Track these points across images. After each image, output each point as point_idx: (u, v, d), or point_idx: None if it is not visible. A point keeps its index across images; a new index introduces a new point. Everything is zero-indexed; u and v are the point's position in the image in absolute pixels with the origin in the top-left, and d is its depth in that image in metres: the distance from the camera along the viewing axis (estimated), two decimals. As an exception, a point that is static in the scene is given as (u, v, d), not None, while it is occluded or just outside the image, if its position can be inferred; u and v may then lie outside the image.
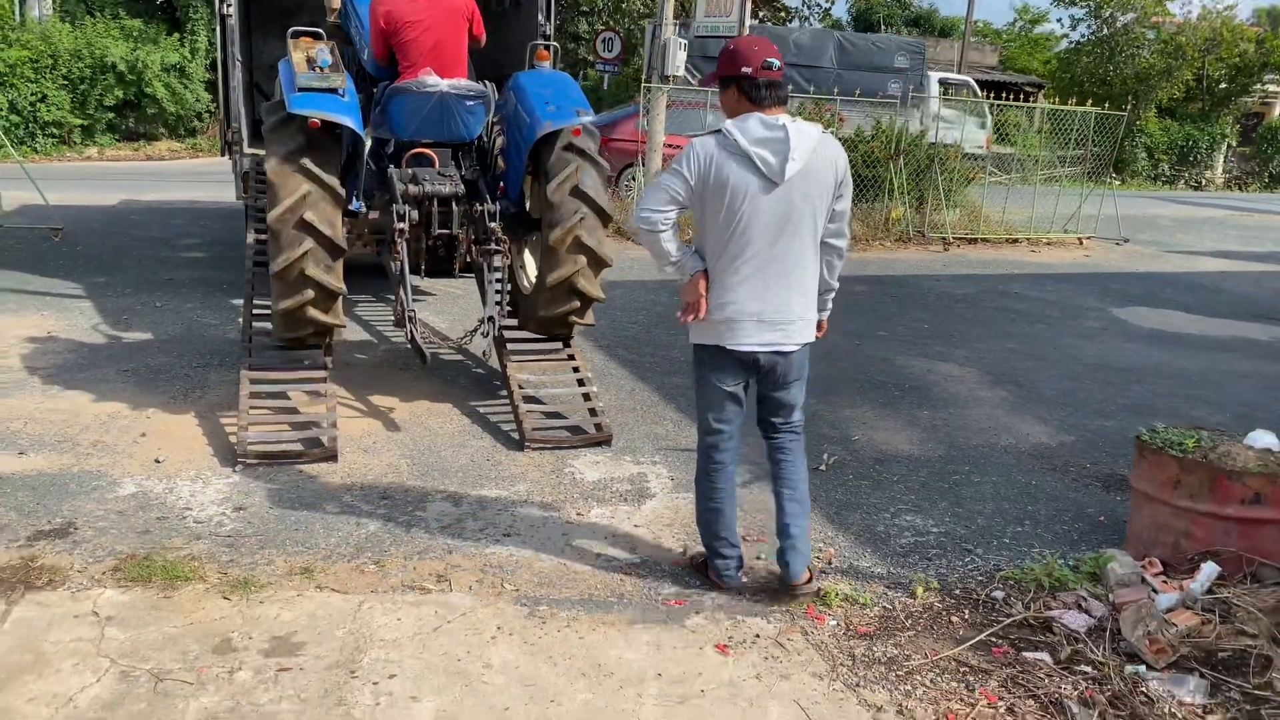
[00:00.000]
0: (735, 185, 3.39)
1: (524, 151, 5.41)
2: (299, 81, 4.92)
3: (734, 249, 3.46)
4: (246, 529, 4.11)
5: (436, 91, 5.30)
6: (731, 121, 3.46)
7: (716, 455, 3.74)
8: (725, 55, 3.52)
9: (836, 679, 3.25)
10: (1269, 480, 3.73)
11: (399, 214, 5.24)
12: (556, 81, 5.62)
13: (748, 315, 3.51)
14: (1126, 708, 3.08)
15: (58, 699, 2.94)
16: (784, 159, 3.38)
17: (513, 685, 3.13)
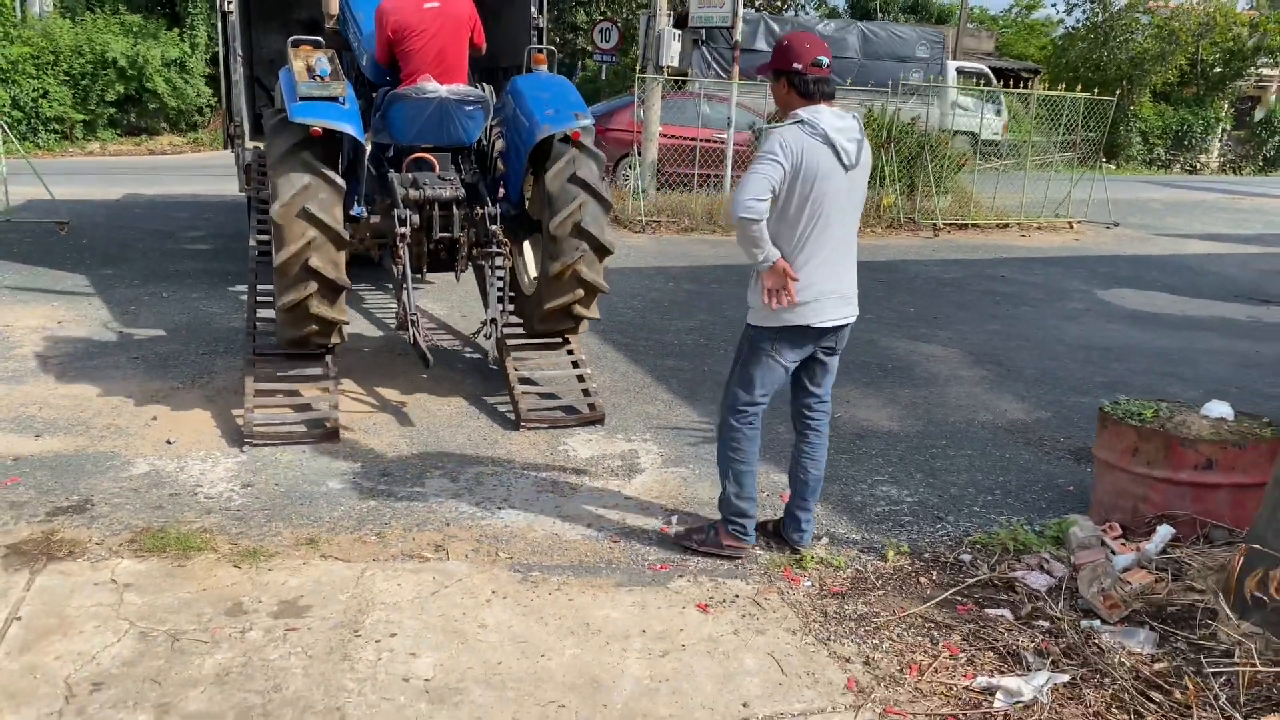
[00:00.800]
0: (821, 171, 3.60)
1: (523, 155, 5.49)
2: (300, 90, 4.99)
3: (814, 231, 3.67)
4: (254, 504, 4.33)
5: (436, 97, 5.35)
6: (804, 112, 3.63)
7: (756, 422, 3.93)
8: (779, 49, 3.73)
9: (809, 634, 3.47)
10: (1220, 447, 3.95)
11: (400, 218, 5.28)
12: (554, 85, 5.70)
13: (828, 293, 3.76)
14: (1079, 657, 3.30)
15: (82, 656, 3.17)
16: (858, 146, 3.69)
17: (506, 642, 3.36)
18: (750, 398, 3.88)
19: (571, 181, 5.35)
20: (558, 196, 5.34)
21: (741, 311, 4.01)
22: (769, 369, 3.84)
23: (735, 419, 3.92)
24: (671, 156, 13.68)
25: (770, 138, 3.62)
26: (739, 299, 3.96)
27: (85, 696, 2.97)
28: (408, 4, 5.35)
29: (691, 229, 12.40)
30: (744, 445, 3.92)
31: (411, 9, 5.34)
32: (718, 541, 4.00)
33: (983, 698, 3.11)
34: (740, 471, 3.95)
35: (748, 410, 3.90)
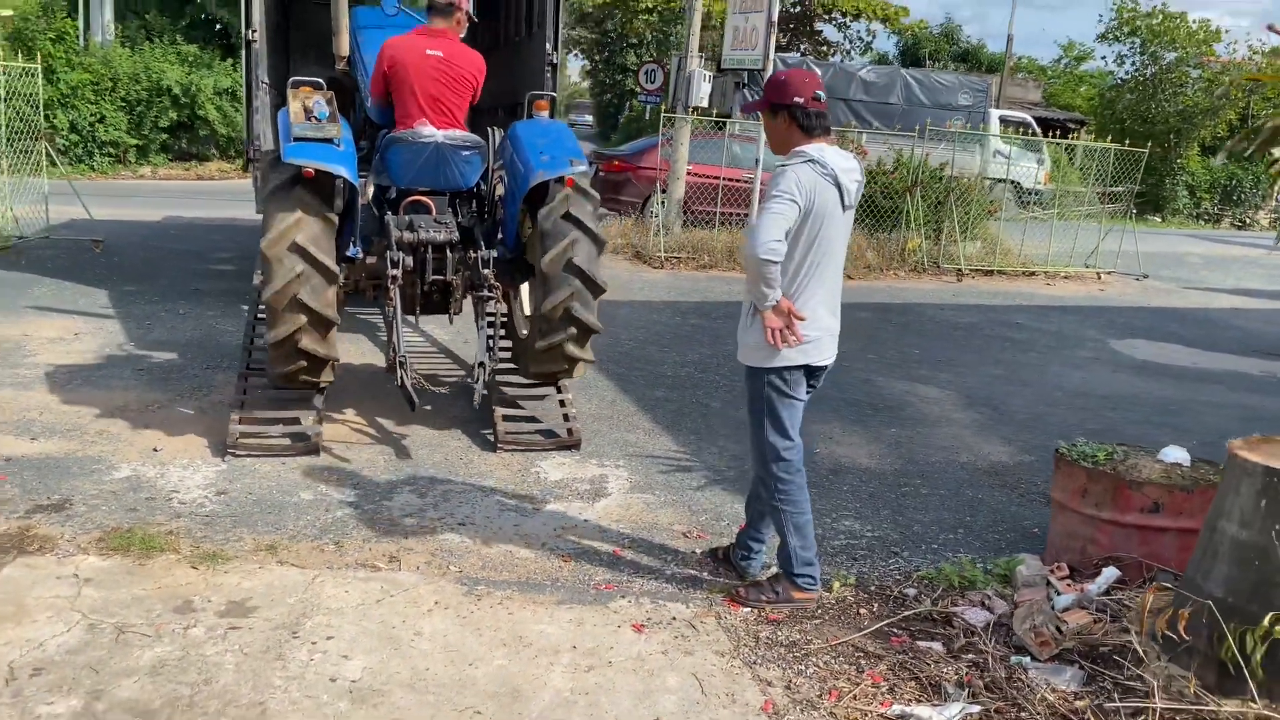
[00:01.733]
0: (827, 210, 3.63)
1: (518, 199, 5.50)
2: (294, 131, 5.00)
3: (817, 270, 3.69)
4: (224, 510, 4.48)
5: (432, 142, 5.37)
6: (812, 150, 3.64)
7: (799, 465, 3.83)
8: (776, 85, 3.73)
9: (737, 657, 3.51)
10: (1167, 491, 3.94)
11: (393, 260, 5.27)
12: (552, 131, 5.71)
13: (826, 330, 3.77)
14: (1000, 691, 3.31)
15: (30, 643, 3.31)
16: (859, 186, 3.75)
17: (437, 650, 3.44)
18: (788, 442, 3.80)
19: (565, 219, 5.34)
20: (550, 234, 5.33)
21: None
22: (790, 407, 3.80)
23: (780, 469, 3.81)
24: (700, 195, 13.84)
25: (785, 176, 3.59)
26: None
27: (24, 680, 3.11)
28: (410, 45, 5.41)
29: (711, 266, 12.52)
30: (796, 494, 3.83)
31: (413, 52, 5.38)
32: (788, 597, 3.87)
33: (894, 725, 3.13)
34: (800, 524, 3.84)
35: (789, 457, 3.80)
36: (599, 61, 46.05)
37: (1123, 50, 28.09)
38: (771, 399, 3.78)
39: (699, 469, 5.44)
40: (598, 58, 46.11)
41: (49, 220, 11.02)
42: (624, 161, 15.96)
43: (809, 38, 31.06)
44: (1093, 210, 15.51)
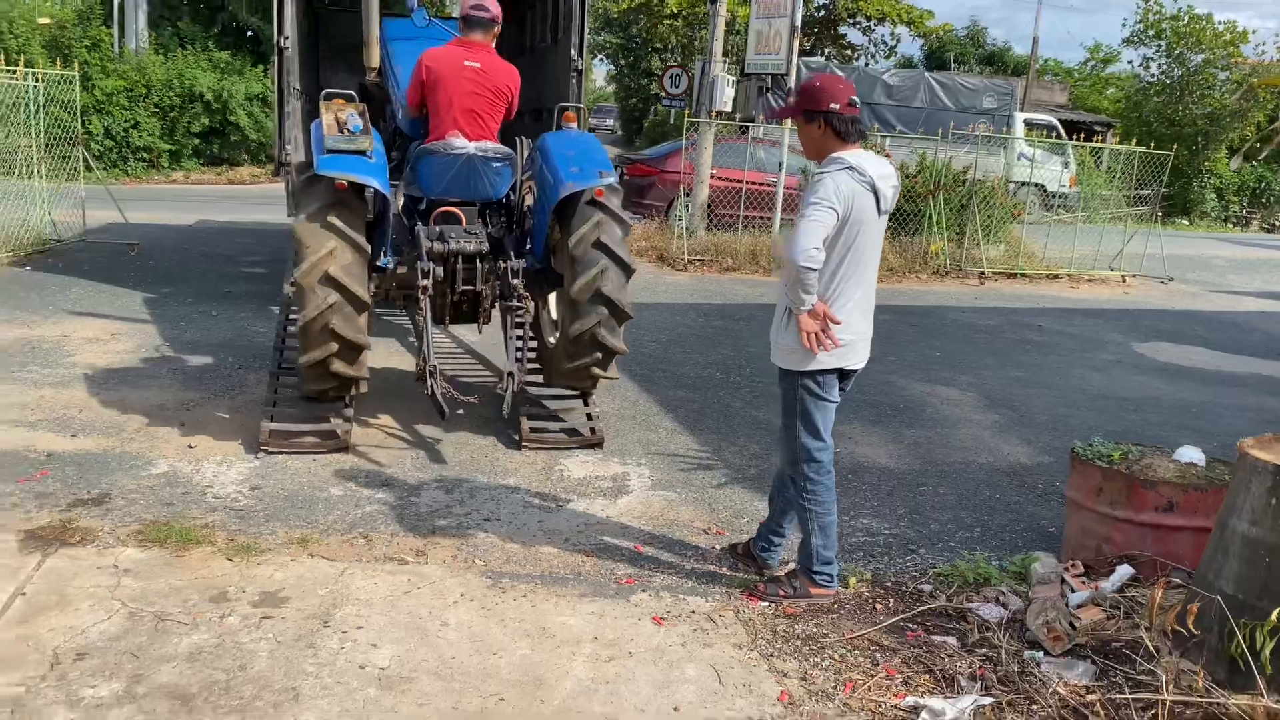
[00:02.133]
0: (863, 217, 3.68)
1: (548, 211, 5.53)
2: (327, 144, 5.06)
3: (852, 275, 3.74)
4: (257, 505, 4.61)
5: (463, 154, 5.44)
6: (849, 157, 3.69)
7: (828, 469, 3.91)
8: (811, 91, 3.75)
9: (754, 649, 3.60)
10: (1181, 489, 3.99)
11: (423, 270, 5.34)
12: (580, 143, 5.74)
13: (861, 335, 3.85)
14: (1012, 685, 3.38)
15: (73, 630, 3.45)
16: (895, 191, 3.81)
17: (463, 640, 3.55)
18: (821, 443, 3.87)
19: (595, 247, 5.36)
20: (580, 261, 5.36)
21: (761, 345, 4.08)
22: (824, 410, 3.87)
23: (811, 470, 3.88)
24: (724, 198, 13.92)
25: (824, 184, 3.63)
26: (764, 336, 4.03)
27: (69, 664, 3.25)
28: (449, 57, 5.46)
29: (734, 269, 12.59)
30: (824, 496, 3.90)
31: (451, 63, 5.43)
32: (805, 592, 3.95)
33: (908, 715, 3.20)
34: (826, 524, 3.92)
35: (821, 458, 3.88)
36: (624, 66, 46.23)
37: (1148, 53, 27.89)
38: (805, 401, 3.85)
39: (720, 467, 5.53)
40: (623, 62, 46.28)
41: (85, 224, 11.26)
42: (648, 165, 16.07)
43: (833, 42, 31.04)
44: (1118, 213, 15.47)
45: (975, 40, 45.65)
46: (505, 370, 5.52)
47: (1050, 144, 20.27)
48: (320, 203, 5.03)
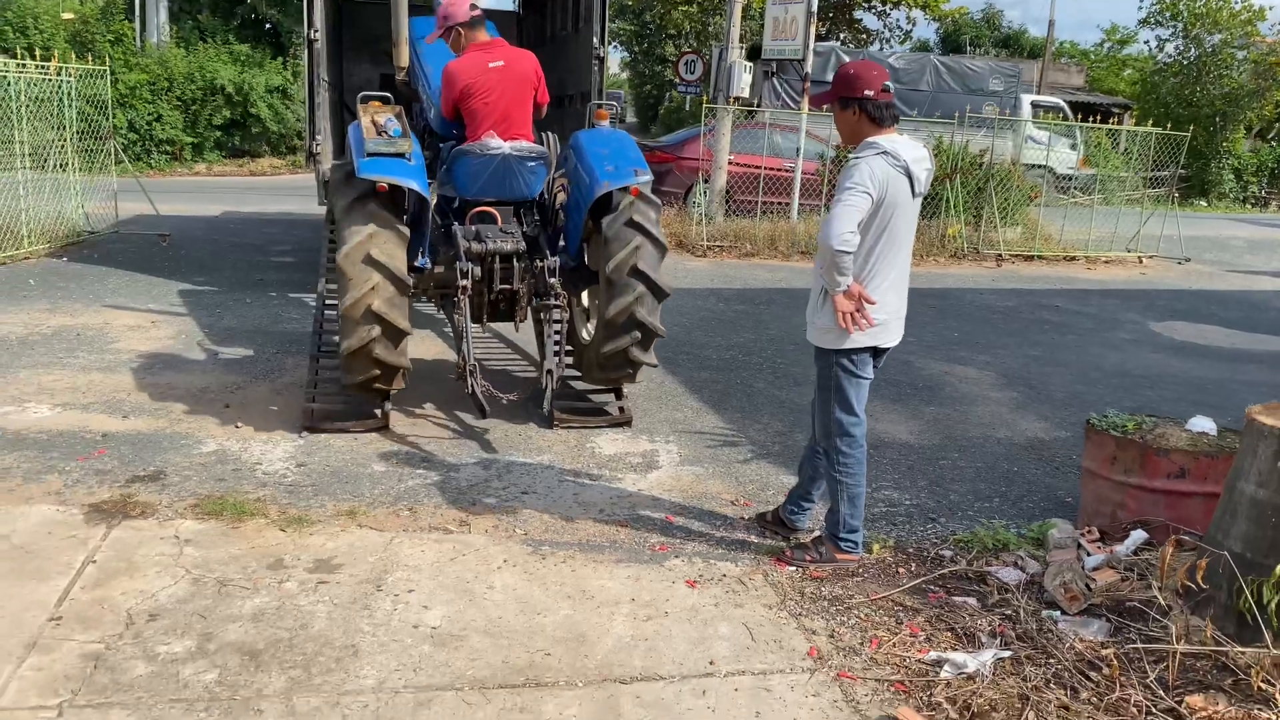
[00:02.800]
0: (898, 200, 3.81)
1: (583, 209, 5.59)
2: (368, 147, 5.13)
3: (886, 256, 3.87)
4: (305, 480, 4.83)
5: (499, 154, 5.53)
6: (884, 141, 3.80)
7: (863, 441, 4.08)
8: (845, 79, 3.88)
9: (784, 609, 3.79)
10: (1193, 457, 4.16)
11: (462, 271, 5.39)
12: (614, 141, 5.78)
13: (894, 314, 3.99)
14: (1030, 641, 3.56)
15: (143, 594, 3.67)
16: (929, 174, 3.94)
17: (509, 601, 3.76)
18: (854, 419, 4.03)
19: (628, 225, 5.44)
20: (614, 240, 5.44)
21: (781, 328, 4.25)
22: (858, 386, 4.01)
23: (845, 444, 4.04)
24: (741, 184, 14.07)
25: (859, 169, 3.74)
26: (784, 319, 4.24)
27: (142, 624, 3.47)
28: (474, 64, 5.57)
29: (753, 254, 12.75)
30: (856, 469, 4.07)
31: (478, 70, 5.55)
32: (831, 557, 4.13)
33: (931, 668, 3.39)
34: (855, 495, 4.08)
35: (854, 432, 4.03)
36: (638, 53, 46.26)
37: (1164, 34, 27.80)
38: (840, 379, 4.00)
39: (745, 444, 5.71)
40: (637, 49, 46.31)
41: (118, 216, 11.51)
42: (665, 152, 16.20)
43: (849, 27, 31.04)
44: (1134, 195, 15.53)
45: (991, 23, 45.48)
46: (545, 367, 5.57)
47: (1058, 126, 20.28)
48: (358, 193, 5.13)
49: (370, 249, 5.03)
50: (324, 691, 3.14)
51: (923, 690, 3.27)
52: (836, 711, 3.16)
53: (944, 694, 3.24)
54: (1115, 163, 18.38)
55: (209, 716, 2.99)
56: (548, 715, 3.08)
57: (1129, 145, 16.09)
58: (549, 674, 3.31)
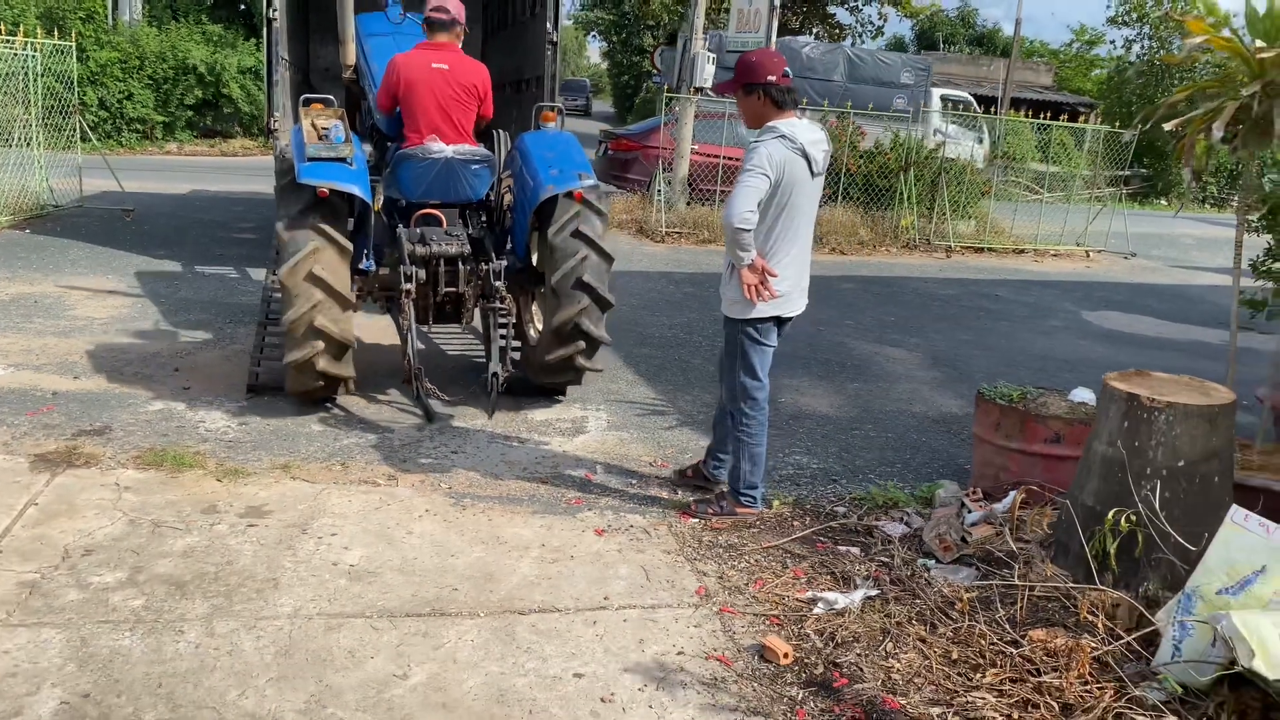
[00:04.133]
0: (796, 180, 4.09)
1: (528, 212, 5.59)
2: (308, 151, 5.09)
3: (787, 233, 4.17)
4: (245, 437, 5.09)
5: (442, 157, 5.50)
6: (782, 125, 4.08)
7: (765, 404, 4.38)
8: (747, 65, 4.13)
9: (681, 555, 4.10)
10: (1068, 423, 4.49)
11: (406, 274, 5.37)
12: (560, 144, 5.76)
13: (795, 286, 4.29)
14: (902, 585, 3.87)
15: (81, 532, 3.93)
16: (826, 156, 4.22)
17: (425, 545, 4.04)
18: (758, 383, 4.34)
19: (574, 236, 5.41)
20: (560, 250, 5.41)
21: None
22: (762, 353, 4.32)
23: (748, 406, 4.34)
24: (705, 173, 14.36)
25: (758, 152, 4.03)
26: None
27: (78, 558, 3.73)
28: (417, 60, 5.54)
29: (710, 240, 13.04)
30: (756, 430, 4.37)
31: (419, 66, 5.52)
32: (731, 511, 4.44)
33: (806, 606, 3.70)
34: (756, 454, 4.39)
35: (757, 396, 4.34)
36: (616, 43, 46.47)
37: (1129, 35, 28.30)
38: (745, 346, 4.32)
39: (672, 413, 6.01)
40: (615, 39, 46.53)
41: (82, 191, 11.67)
42: (632, 140, 16.49)
43: (822, 21, 31.39)
44: (1082, 194, 15.93)
45: (965, 21, 45.97)
46: (490, 369, 5.47)
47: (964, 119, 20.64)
48: (301, 204, 5.09)
49: (313, 266, 5.01)
50: (243, 617, 3.42)
51: (795, 624, 3.58)
52: (714, 640, 3.47)
53: (813, 627, 3.55)
54: (1077, 161, 18.80)
55: (133, 635, 3.26)
56: (448, 640, 3.37)
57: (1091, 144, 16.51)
58: (454, 606, 3.59)
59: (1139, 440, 3.62)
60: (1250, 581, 3.14)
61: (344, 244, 5.15)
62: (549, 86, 8.72)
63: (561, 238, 5.43)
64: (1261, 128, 4.44)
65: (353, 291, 5.29)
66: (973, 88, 30.52)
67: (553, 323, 5.47)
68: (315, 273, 5.00)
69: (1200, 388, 3.84)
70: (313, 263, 5.02)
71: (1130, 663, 3.25)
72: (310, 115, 5.45)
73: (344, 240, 5.16)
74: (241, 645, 3.24)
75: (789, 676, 3.26)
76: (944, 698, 3.11)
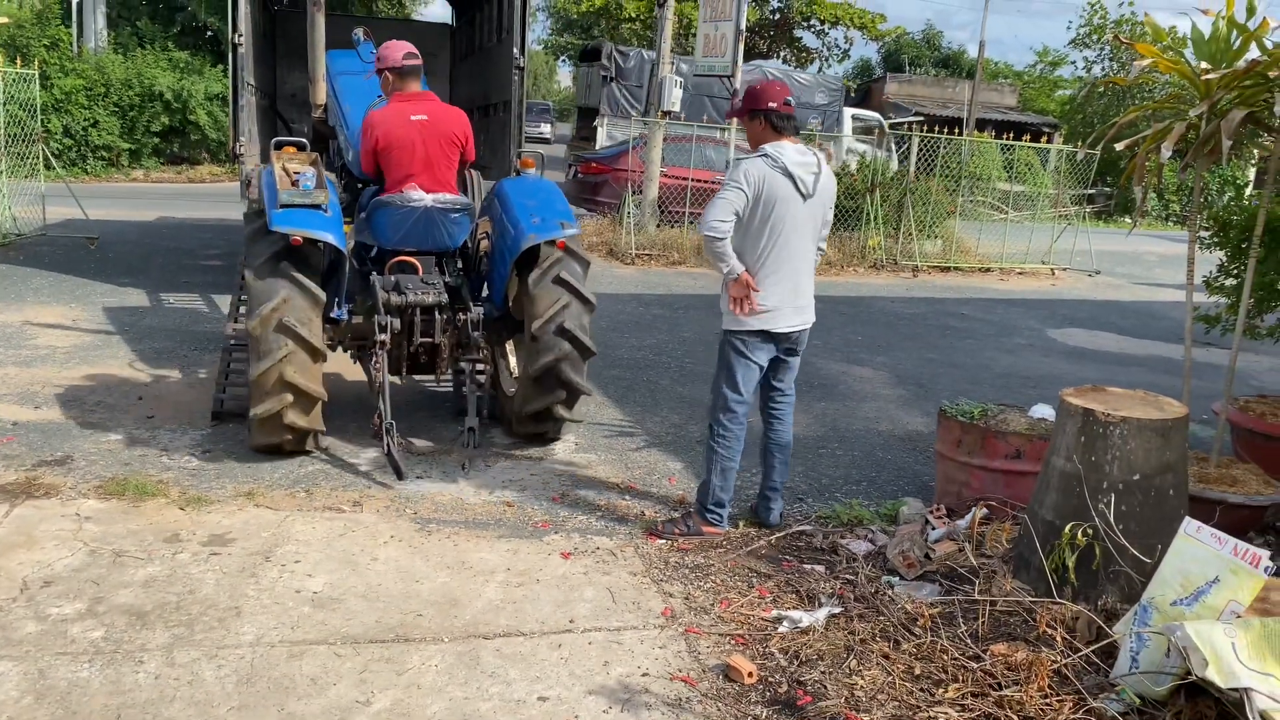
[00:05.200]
0: (780, 198, 4.26)
1: (508, 261, 5.41)
2: (281, 198, 4.91)
3: (773, 250, 4.31)
4: (208, 465, 5.06)
5: (421, 206, 5.27)
6: (769, 147, 4.29)
7: (742, 420, 4.49)
8: (754, 94, 4.40)
9: (647, 576, 4.11)
10: (1028, 439, 4.54)
11: (381, 324, 5.17)
12: (541, 191, 5.65)
13: (786, 303, 4.38)
14: (866, 602, 3.90)
15: (40, 564, 3.89)
16: (815, 179, 4.34)
17: (390, 571, 4.03)
18: (737, 396, 4.44)
19: (555, 283, 5.26)
20: (540, 298, 5.24)
21: (695, 331, 4.63)
22: (747, 368, 4.43)
23: (725, 417, 4.46)
24: (674, 196, 14.45)
25: (737, 168, 4.28)
26: (698, 321, 4.62)
27: (36, 590, 3.69)
28: (394, 115, 5.30)
29: (680, 262, 13.12)
30: (732, 443, 4.48)
31: (398, 121, 5.29)
32: (698, 530, 4.51)
33: (771, 625, 3.72)
34: (726, 468, 4.49)
35: (735, 409, 4.45)
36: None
37: (1090, 56, 28.81)
38: (730, 357, 4.44)
39: (640, 435, 6.03)
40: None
41: (45, 219, 11.58)
42: (601, 164, 16.58)
43: (789, 45, 31.74)
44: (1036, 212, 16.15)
45: (931, 44, 46.64)
46: (466, 424, 5.33)
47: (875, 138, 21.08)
48: (272, 249, 4.92)
49: (284, 316, 4.81)
50: (204, 646, 3.39)
51: (760, 643, 3.59)
52: (679, 660, 3.48)
53: (777, 645, 3.57)
54: (1042, 180, 19.08)
55: (92, 667, 3.22)
56: (412, 665, 3.36)
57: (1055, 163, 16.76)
58: (418, 631, 3.58)
59: (1095, 455, 3.67)
60: (1204, 592, 3.19)
61: (316, 292, 4.94)
62: (516, 111, 8.77)
63: (542, 285, 5.26)
64: (1210, 146, 4.54)
65: (324, 341, 5.05)
66: (938, 109, 30.94)
67: (531, 371, 5.29)
68: (285, 322, 4.80)
69: (1154, 402, 3.90)
70: (283, 312, 4.81)
71: (1089, 675, 3.29)
72: (282, 159, 5.30)
73: (316, 289, 4.95)
74: (203, 674, 3.21)
75: (753, 695, 3.27)
76: (907, 713, 3.13)
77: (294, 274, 4.87)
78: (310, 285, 4.92)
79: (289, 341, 4.81)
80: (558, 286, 5.28)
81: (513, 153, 8.86)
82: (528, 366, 5.35)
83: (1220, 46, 4.51)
